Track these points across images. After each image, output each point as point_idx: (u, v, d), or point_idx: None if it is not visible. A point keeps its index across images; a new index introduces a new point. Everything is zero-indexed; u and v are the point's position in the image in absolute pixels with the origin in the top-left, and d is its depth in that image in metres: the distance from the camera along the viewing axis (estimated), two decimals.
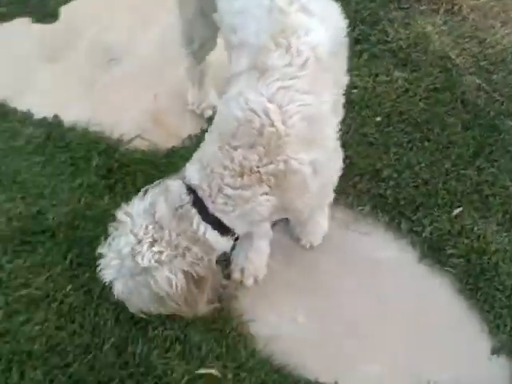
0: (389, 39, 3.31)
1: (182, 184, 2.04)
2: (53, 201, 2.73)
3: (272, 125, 1.92)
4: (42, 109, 3.03)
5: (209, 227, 2.02)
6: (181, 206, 2.00)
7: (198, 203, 2.00)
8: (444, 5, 3.48)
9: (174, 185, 2.04)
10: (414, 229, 2.84)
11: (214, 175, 1.97)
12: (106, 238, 2.05)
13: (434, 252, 2.80)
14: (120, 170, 2.83)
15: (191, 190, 2.01)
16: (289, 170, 1.97)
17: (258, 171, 1.95)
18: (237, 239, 2.17)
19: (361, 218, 2.89)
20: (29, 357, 2.34)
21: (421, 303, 2.71)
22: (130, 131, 3.01)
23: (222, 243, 2.10)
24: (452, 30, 3.40)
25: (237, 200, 1.99)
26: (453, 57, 3.28)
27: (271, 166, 1.95)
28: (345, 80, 2.35)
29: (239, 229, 2.10)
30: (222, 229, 2.05)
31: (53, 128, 2.96)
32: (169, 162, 2.85)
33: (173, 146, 2.98)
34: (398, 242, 2.85)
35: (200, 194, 2.00)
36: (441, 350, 2.57)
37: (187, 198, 2.00)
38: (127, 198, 2.12)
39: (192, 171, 2.05)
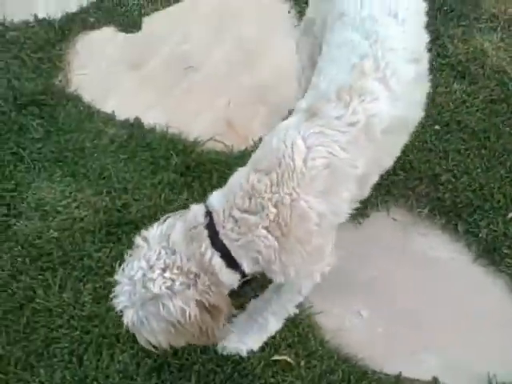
0: (448, 54, 3.26)
1: (203, 207, 1.94)
2: (135, 195, 2.72)
3: (291, 158, 1.85)
4: (124, 111, 3.03)
5: (215, 254, 1.88)
6: (194, 227, 1.88)
7: (212, 227, 1.88)
8: (502, 23, 3.41)
9: (195, 208, 1.95)
10: (471, 230, 2.78)
11: (230, 196, 1.89)
12: (120, 265, 1.92)
13: (488, 253, 2.74)
14: (197, 168, 2.82)
15: (209, 212, 1.91)
16: (296, 211, 1.87)
17: (263, 197, 1.85)
18: (248, 282, 2.05)
19: (419, 220, 2.83)
20: (117, 340, 2.33)
21: (475, 300, 2.65)
22: (205, 134, 2.99)
23: (228, 276, 1.92)
24: (508, 46, 3.34)
25: (242, 226, 1.86)
26: (509, 71, 3.21)
27: (276, 195, 1.84)
28: (388, 162, 2.22)
29: (245, 264, 1.92)
30: (229, 259, 1.90)
31: (134, 129, 2.96)
32: (241, 162, 2.81)
33: (245, 149, 2.95)
34: (454, 243, 2.79)
35: (215, 217, 1.89)
36: (495, 345, 2.53)
37: (202, 220, 1.89)
38: (204, 194, 2.10)
39: (215, 195, 1.96)
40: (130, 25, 3.35)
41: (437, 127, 3.02)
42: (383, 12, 2.00)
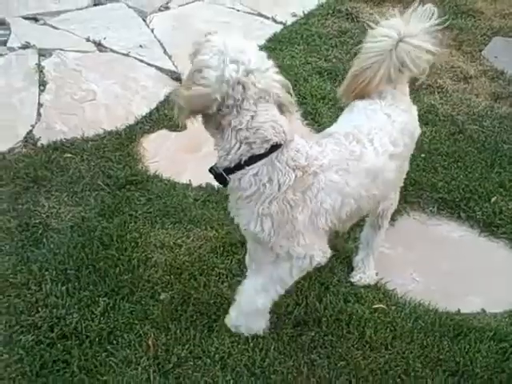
0: None
1: None
2: (233, 227, 3.47)
3: None
4: (196, 181, 3.82)
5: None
6: None
7: None
8: (437, 89, 4.67)
9: None
10: (470, 215, 3.75)
11: None
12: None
13: (487, 227, 3.71)
14: None
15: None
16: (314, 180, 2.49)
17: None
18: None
19: (431, 215, 3.79)
20: None
21: (487, 258, 3.60)
22: None
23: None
24: (447, 101, 4.58)
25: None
26: (455, 115, 4.41)
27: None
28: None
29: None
30: None
31: (208, 190, 3.76)
32: None
33: None
34: (461, 226, 3.74)
35: None
36: (507, 284, 3.46)
37: None
38: None
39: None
40: (177, 127, 4.23)
41: (423, 155, 4.07)
42: None
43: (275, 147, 2.36)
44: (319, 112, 4.37)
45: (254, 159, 2.37)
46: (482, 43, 5.51)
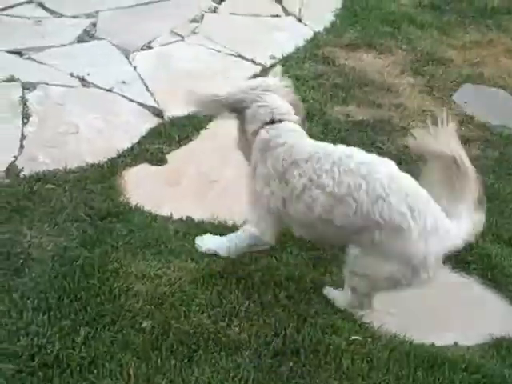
0: (384, 151, 4.54)
1: None
2: (215, 260, 3.51)
3: None
4: (176, 213, 3.88)
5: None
6: None
7: None
8: (409, 130, 4.81)
9: None
10: None
11: None
12: None
13: (459, 264, 3.81)
14: None
15: None
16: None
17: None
18: None
19: None
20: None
21: (459, 294, 3.72)
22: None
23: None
24: None
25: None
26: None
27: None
28: None
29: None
30: None
31: (188, 223, 3.81)
32: None
33: None
34: None
35: None
36: (479, 316, 3.59)
37: None
38: None
39: None
40: (158, 161, 4.32)
41: None
42: None
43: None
44: None
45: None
46: (452, 89, 5.70)
